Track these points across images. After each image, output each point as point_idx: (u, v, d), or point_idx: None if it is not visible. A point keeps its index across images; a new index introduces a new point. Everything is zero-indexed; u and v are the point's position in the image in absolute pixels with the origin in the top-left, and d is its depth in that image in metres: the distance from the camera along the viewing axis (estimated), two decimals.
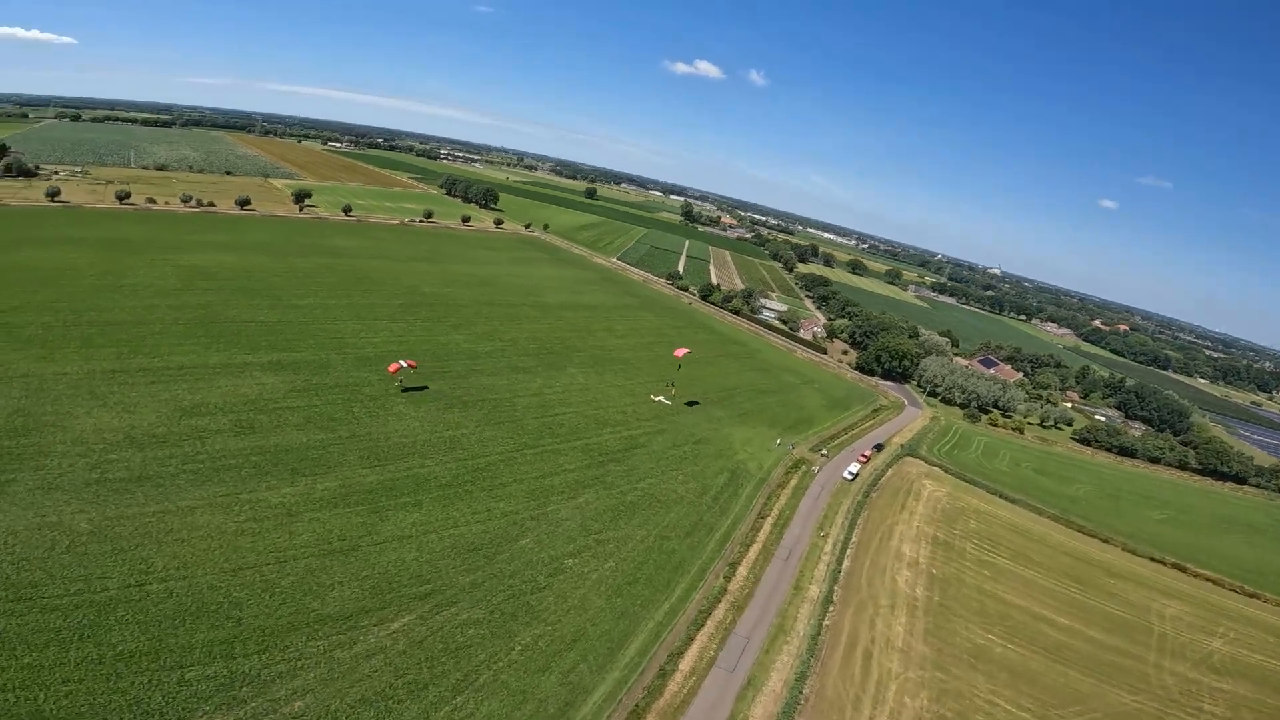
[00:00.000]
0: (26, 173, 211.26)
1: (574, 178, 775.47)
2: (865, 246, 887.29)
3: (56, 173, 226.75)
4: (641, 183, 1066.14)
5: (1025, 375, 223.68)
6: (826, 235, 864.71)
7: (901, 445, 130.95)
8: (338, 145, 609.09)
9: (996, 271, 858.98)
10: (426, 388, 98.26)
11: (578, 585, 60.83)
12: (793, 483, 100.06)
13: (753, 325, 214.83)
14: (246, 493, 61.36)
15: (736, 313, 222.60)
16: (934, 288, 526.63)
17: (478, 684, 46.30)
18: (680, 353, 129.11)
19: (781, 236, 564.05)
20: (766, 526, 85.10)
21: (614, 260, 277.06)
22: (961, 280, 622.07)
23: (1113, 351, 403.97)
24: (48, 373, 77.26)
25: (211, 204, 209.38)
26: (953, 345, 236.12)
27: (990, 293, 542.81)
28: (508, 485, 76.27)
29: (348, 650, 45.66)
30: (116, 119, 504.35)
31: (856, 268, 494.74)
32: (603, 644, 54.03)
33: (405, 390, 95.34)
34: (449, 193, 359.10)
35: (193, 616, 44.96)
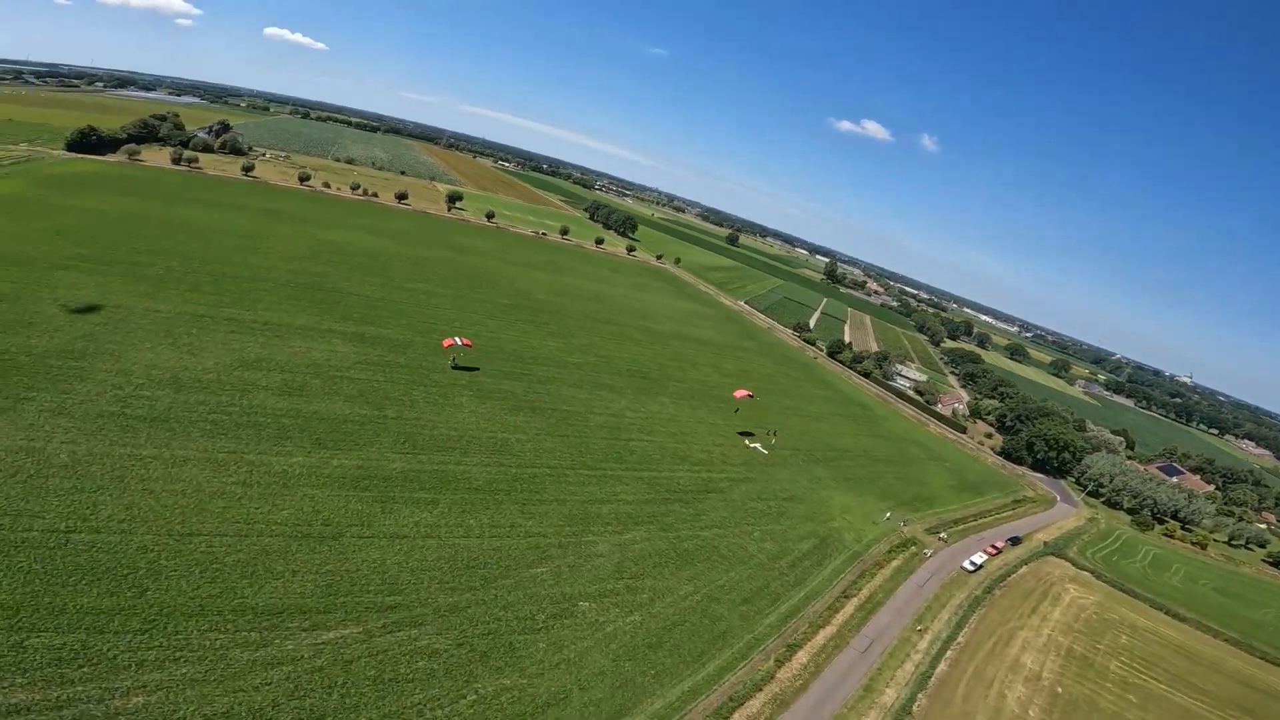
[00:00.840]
0: (238, 151, 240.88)
1: (720, 224, 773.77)
2: (1029, 335, 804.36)
3: (264, 155, 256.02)
4: (788, 239, 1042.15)
5: (1217, 489, 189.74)
6: (984, 318, 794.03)
7: (1045, 543, 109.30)
8: (505, 164, 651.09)
9: (1187, 380, 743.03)
10: (478, 369, 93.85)
11: (583, 635, 49.04)
12: (895, 563, 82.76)
13: (882, 390, 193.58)
14: (254, 454, 55.95)
15: (866, 375, 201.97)
16: (1108, 386, 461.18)
17: None
18: (740, 394, 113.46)
19: (931, 310, 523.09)
20: (849, 608, 69.24)
21: (740, 303, 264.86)
22: (1143, 383, 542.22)
23: None
24: (140, 307, 78.64)
25: (375, 195, 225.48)
26: (1127, 446, 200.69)
27: (1178, 399, 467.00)
28: (546, 503, 66.47)
29: (251, 652, 36.84)
30: (336, 120, 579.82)
31: (1015, 352, 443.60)
32: (582, 718, 41.81)
33: (456, 368, 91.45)
34: (592, 217, 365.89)
35: (93, 577, 38.29)
